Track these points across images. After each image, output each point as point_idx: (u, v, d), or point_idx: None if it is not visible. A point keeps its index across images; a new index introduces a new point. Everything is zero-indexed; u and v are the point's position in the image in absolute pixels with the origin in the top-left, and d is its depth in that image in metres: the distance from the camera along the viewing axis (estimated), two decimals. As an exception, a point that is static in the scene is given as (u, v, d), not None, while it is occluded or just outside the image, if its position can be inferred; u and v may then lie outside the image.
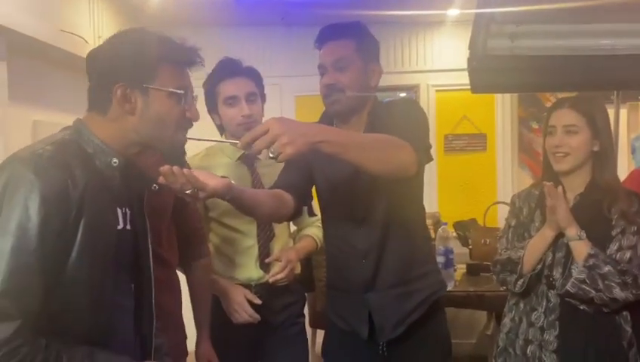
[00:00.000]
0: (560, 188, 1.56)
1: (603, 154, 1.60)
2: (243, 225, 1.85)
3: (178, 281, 1.70)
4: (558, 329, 1.57)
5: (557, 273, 1.59)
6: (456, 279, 2.83)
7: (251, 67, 1.91)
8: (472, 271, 2.94)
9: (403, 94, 4.13)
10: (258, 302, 1.80)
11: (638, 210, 1.56)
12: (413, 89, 4.00)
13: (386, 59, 4.45)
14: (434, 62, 3.90)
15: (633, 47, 2.23)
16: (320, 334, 3.21)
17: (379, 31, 4.03)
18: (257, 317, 1.79)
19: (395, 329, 1.57)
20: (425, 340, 1.60)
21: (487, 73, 2.19)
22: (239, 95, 1.84)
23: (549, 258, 1.60)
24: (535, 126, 3.92)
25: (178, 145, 1.16)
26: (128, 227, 1.09)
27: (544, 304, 1.61)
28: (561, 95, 3.69)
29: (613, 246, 1.54)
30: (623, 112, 3.77)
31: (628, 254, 1.52)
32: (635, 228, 1.54)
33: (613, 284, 1.49)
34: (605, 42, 2.22)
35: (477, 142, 3.89)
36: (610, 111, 2.72)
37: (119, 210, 1.07)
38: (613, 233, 1.55)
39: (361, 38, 1.57)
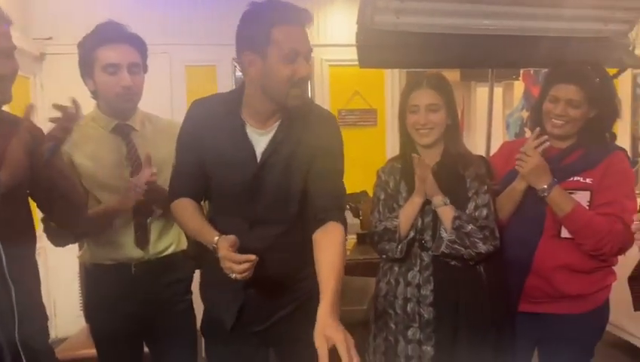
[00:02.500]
0: (425, 161, 1.71)
1: (454, 127, 1.77)
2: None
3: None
4: (432, 284, 1.71)
5: (427, 236, 1.73)
6: (347, 248, 2.93)
7: (136, 34, 1.79)
8: (362, 240, 3.06)
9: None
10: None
11: (487, 172, 1.75)
12: (307, 63, 4.02)
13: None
14: (327, 36, 3.93)
15: (509, 28, 2.40)
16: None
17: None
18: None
19: (262, 324, 1.59)
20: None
21: (373, 48, 2.24)
22: (121, 63, 1.72)
23: (419, 223, 1.74)
24: (422, 102, 4.11)
25: None
26: None
27: (418, 263, 1.74)
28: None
29: (471, 206, 1.72)
30: (499, 90, 4.08)
31: (484, 211, 1.71)
32: (486, 187, 1.73)
33: (476, 240, 1.67)
34: (484, 22, 2.36)
35: (368, 117, 4.00)
36: (486, 89, 2.93)
37: None
38: (469, 194, 1.72)
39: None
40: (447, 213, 1.70)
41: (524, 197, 1.78)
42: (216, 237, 1.42)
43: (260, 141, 1.51)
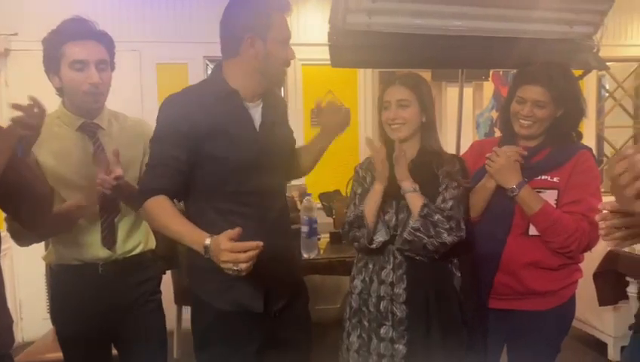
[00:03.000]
0: (398, 149, 1.72)
1: (429, 125, 1.79)
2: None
3: None
4: (405, 283, 1.72)
5: (399, 231, 1.73)
6: (320, 248, 2.94)
7: (104, 31, 1.76)
8: (335, 239, 3.06)
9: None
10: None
11: (459, 170, 1.77)
12: (280, 62, 4.01)
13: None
14: (300, 36, 3.92)
15: (479, 29, 2.43)
16: (186, 310, 3.16)
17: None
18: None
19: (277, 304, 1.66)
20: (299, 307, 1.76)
21: (346, 48, 2.24)
22: (89, 60, 1.69)
23: (393, 220, 1.75)
24: (394, 102, 4.15)
25: None
26: None
27: (392, 261, 1.75)
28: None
29: (439, 199, 1.73)
30: (469, 91, 4.13)
31: (450, 203, 1.72)
32: (456, 183, 1.74)
33: (442, 230, 1.67)
34: (455, 23, 2.39)
35: (341, 116, 4.01)
36: (457, 90, 2.97)
37: None
38: (440, 189, 1.74)
39: None
40: (415, 199, 1.70)
41: (494, 195, 1.81)
42: (208, 239, 1.40)
43: (255, 113, 1.63)
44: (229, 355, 1.61)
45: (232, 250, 1.33)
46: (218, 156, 1.54)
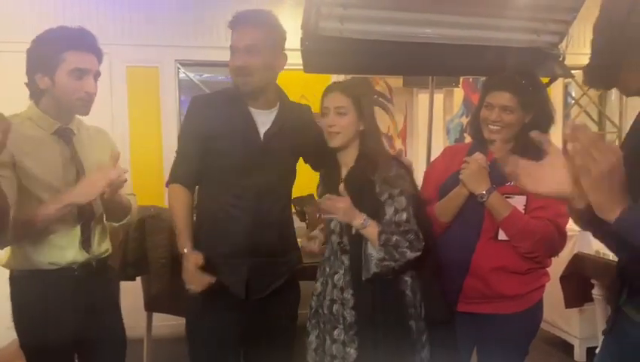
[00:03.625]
0: (341, 195, 1.76)
1: (368, 132, 1.78)
2: None
3: None
4: (352, 288, 1.75)
5: (345, 239, 1.78)
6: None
7: (100, 48, 1.79)
8: (308, 244, 3.05)
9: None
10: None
11: (397, 174, 1.74)
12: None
13: (225, 35, 4.37)
14: (273, 40, 3.92)
15: (448, 37, 2.47)
16: (157, 317, 3.11)
17: (218, 5, 3.92)
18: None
19: (266, 290, 1.82)
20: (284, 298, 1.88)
21: (318, 54, 2.26)
22: (90, 70, 1.72)
23: (338, 227, 1.79)
24: (367, 107, 4.18)
25: None
26: None
27: (342, 267, 1.78)
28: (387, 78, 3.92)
29: (390, 210, 1.71)
30: (440, 97, 4.19)
31: (404, 215, 1.72)
32: (398, 190, 1.72)
33: (404, 249, 1.69)
34: (425, 31, 2.43)
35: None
36: (427, 96, 3.01)
37: None
38: (382, 199, 1.72)
39: (272, 26, 1.80)
40: (371, 232, 1.71)
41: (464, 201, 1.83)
42: (186, 249, 1.74)
43: (263, 118, 1.81)
44: (214, 339, 1.81)
45: (191, 273, 1.70)
46: (220, 155, 1.78)
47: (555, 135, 1.94)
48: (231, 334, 1.83)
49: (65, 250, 1.74)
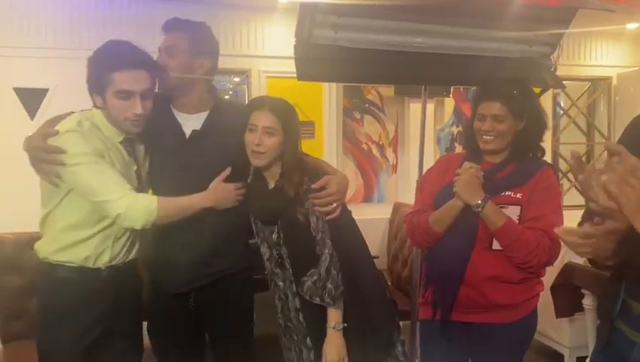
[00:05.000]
0: None
1: (289, 151, 1.78)
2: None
3: None
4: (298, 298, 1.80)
5: (283, 251, 1.81)
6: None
7: (151, 57, 1.77)
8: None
9: (237, 79, 4.09)
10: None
11: (307, 189, 1.76)
12: (245, 73, 3.99)
13: (219, 42, 4.36)
14: (265, 48, 3.92)
15: (441, 46, 2.48)
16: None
17: (211, 12, 3.91)
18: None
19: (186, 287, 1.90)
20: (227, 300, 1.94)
21: (311, 61, 2.25)
22: (135, 91, 1.70)
23: (274, 237, 1.82)
24: (358, 116, 4.18)
25: None
26: None
27: (280, 284, 1.85)
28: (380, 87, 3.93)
29: (312, 219, 1.75)
30: (431, 106, 4.20)
31: (319, 235, 1.75)
32: (315, 216, 1.76)
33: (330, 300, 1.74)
34: (418, 40, 2.43)
35: (306, 129, 4.00)
36: (419, 105, 3.02)
37: None
38: (307, 206, 1.76)
39: (197, 34, 1.90)
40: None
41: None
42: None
43: (192, 120, 1.90)
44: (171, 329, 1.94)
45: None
46: (151, 155, 1.89)
47: (544, 144, 1.96)
48: (184, 325, 1.95)
49: (102, 249, 1.75)
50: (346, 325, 1.74)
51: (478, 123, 1.86)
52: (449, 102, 4.35)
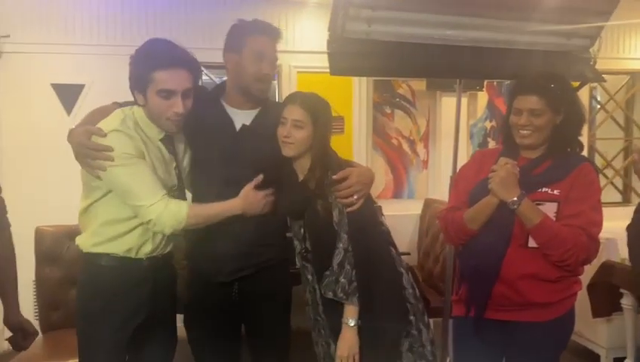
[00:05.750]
0: None
1: (317, 145, 1.81)
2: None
3: None
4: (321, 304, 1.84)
5: (308, 245, 1.86)
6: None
7: (193, 56, 1.76)
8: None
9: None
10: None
11: (331, 183, 1.78)
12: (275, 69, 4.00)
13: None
14: (296, 43, 3.92)
15: (474, 39, 2.45)
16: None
17: (242, 7, 3.94)
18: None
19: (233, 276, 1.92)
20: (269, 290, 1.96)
21: (345, 56, 2.24)
22: (177, 90, 1.70)
23: (302, 232, 1.87)
24: (388, 111, 4.15)
25: None
26: None
27: (310, 275, 1.88)
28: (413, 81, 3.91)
29: (335, 213, 1.77)
30: (464, 100, 4.14)
31: (344, 219, 1.76)
32: (332, 198, 1.78)
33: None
34: (450, 33, 2.40)
35: (336, 124, 3.99)
36: (453, 99, 2.98)
37: None
38: (330, 200, 1.79)
39: (279, 38, 1.95)
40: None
41: None
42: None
43: (242, 116, 1.92)
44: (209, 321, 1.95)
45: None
46: (198, 149, 1.91)
47: (582, 139, 1.91)
48: (224, 314, 1.95)
49: (143, 239, 1.77)
50: (359, 322, 1.73)
51: (514, 117, 1.82)
52: (482, 96, 4.28)
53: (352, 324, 1.73)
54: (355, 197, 1.77)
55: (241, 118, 1.93)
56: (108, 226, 1.75)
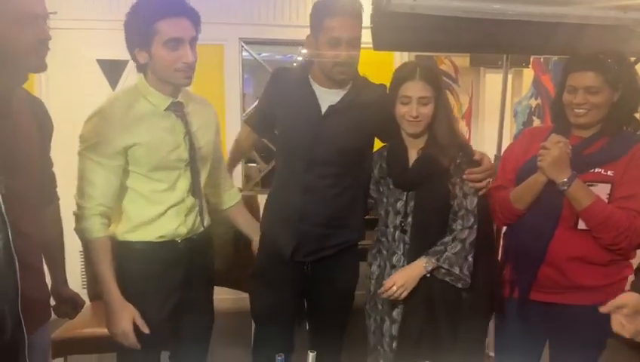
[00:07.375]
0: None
1: (441, 118, 1.79)
2: (173, 180, 1.75)
3: None
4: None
5: (409, 219, 1.81)
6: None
7: (193, 8, 1.70)
8: (368, 224, 3.03)
9: (304, 50, 4.08)
10: (146, 330, 1.68)
11: (461, 163, 1.78)
12: (314, 44, 3.97)
13: (289, 12, 4.35)
14: (336, 18, 3.86)
15: (521, 13, 2.34)
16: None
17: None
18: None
19: (311, 256, 1.92)
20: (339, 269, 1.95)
21: (389, 30, 2.20)
22: (185, 38, 1.62)
23: (404, 208, 1.82)
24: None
25: None
26: None
27: (402, 247, 1.83)
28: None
29: (459, 193, 1.78)
30: (509, 78, 4.01)
31: (462, 211, 1.77)
32: (459, 178, 1.78)
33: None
34: (496, 6, 2.31)
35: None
36: (497, 76, 2.89)
37: None
38: (456, 191, 1.78)
39: (361, 17, 1.87)
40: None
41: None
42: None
43: (330, 95, 1.88)
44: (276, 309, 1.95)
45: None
46: (284, 127, 1.96)
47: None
48: (291, 301, 1.96)
49: (177, 223, 1.75)
50: (430, 270, 1.75)
51: (568, 95, 1.74)
52: (528, 73, 4.14)
53: (428, 268, 1.75)
54: (489, 180, 1.79)
55: (329, 96, 1.89)
56: (139, 213, 1.72)
